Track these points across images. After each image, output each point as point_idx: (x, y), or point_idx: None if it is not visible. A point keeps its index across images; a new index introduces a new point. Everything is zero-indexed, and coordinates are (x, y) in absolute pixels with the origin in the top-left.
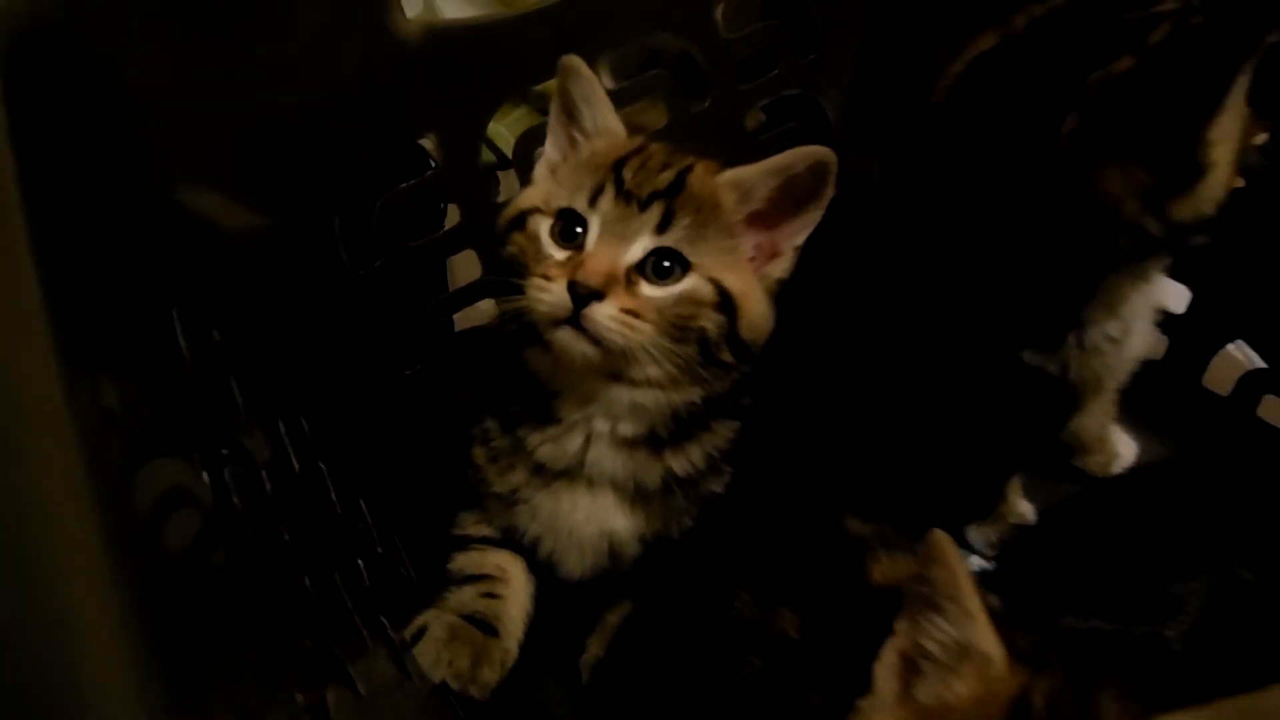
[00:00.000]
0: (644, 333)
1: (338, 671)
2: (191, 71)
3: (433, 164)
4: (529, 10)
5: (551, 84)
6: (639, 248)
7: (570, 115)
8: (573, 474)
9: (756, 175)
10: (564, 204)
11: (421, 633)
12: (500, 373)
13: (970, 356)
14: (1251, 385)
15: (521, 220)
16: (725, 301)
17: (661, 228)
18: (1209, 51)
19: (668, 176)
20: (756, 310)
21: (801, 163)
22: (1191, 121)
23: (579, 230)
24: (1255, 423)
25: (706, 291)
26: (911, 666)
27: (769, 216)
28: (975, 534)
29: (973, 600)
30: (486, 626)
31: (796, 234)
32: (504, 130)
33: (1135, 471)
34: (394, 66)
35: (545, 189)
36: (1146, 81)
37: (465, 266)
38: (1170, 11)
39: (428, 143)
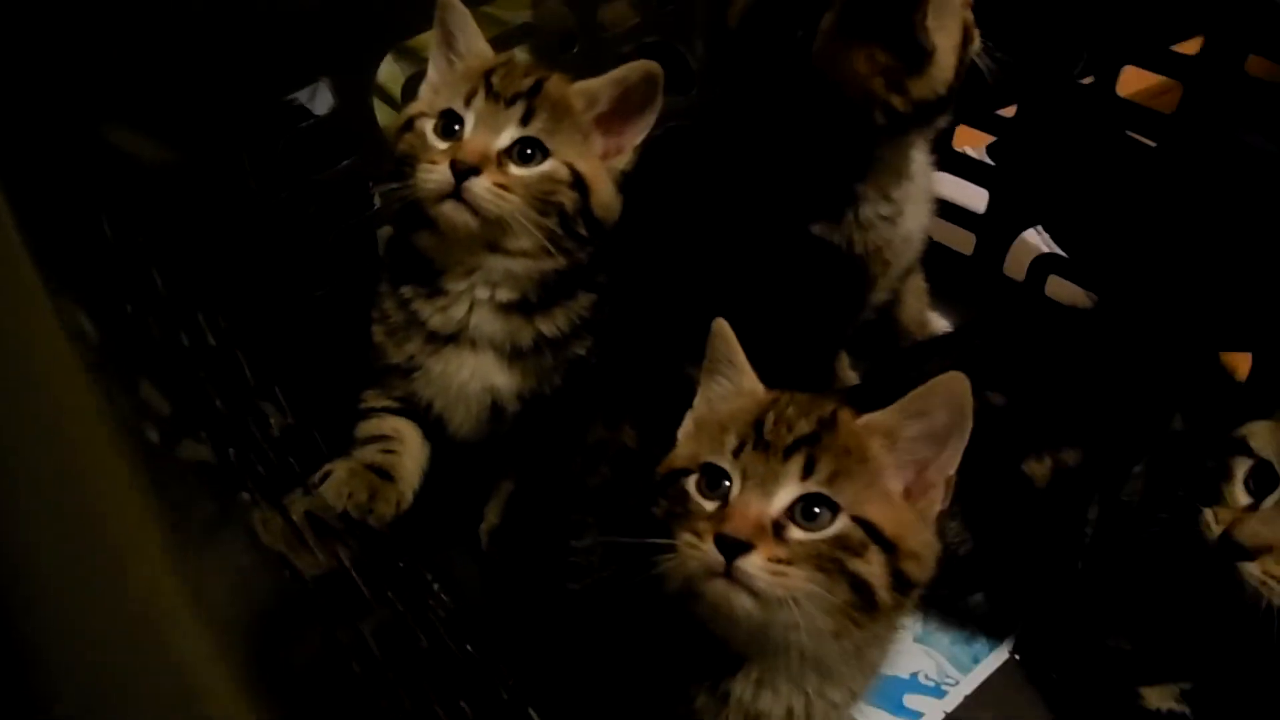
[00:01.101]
0: (513, 203)
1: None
2: (110, 18)
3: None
4: None
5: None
6: (506, 136)
7: (447, 44)
8: (459, 338)
9: (600, 85)
10: (444, 105)
11: (327, 475)
12: (395, 260)
13: (774, 230)
14: (1040, 267)
15: (410, 124)
16: (578, 182)
17: (524, 121)
18: None
19: (528, 81)
20: (605, 193)
21: (635, 74)
22: (907, 8)
23: (457, 127)
24: (1044, 299)
25: (563, 173)
26: (700, 425)
27: (613, 120)
28: None
29: (742, 359)
30: (384, 474)
31: (636, 134)
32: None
33: (934, 338)
34: (291, 15)
35: (428, 99)
36: None
37: None
38: None
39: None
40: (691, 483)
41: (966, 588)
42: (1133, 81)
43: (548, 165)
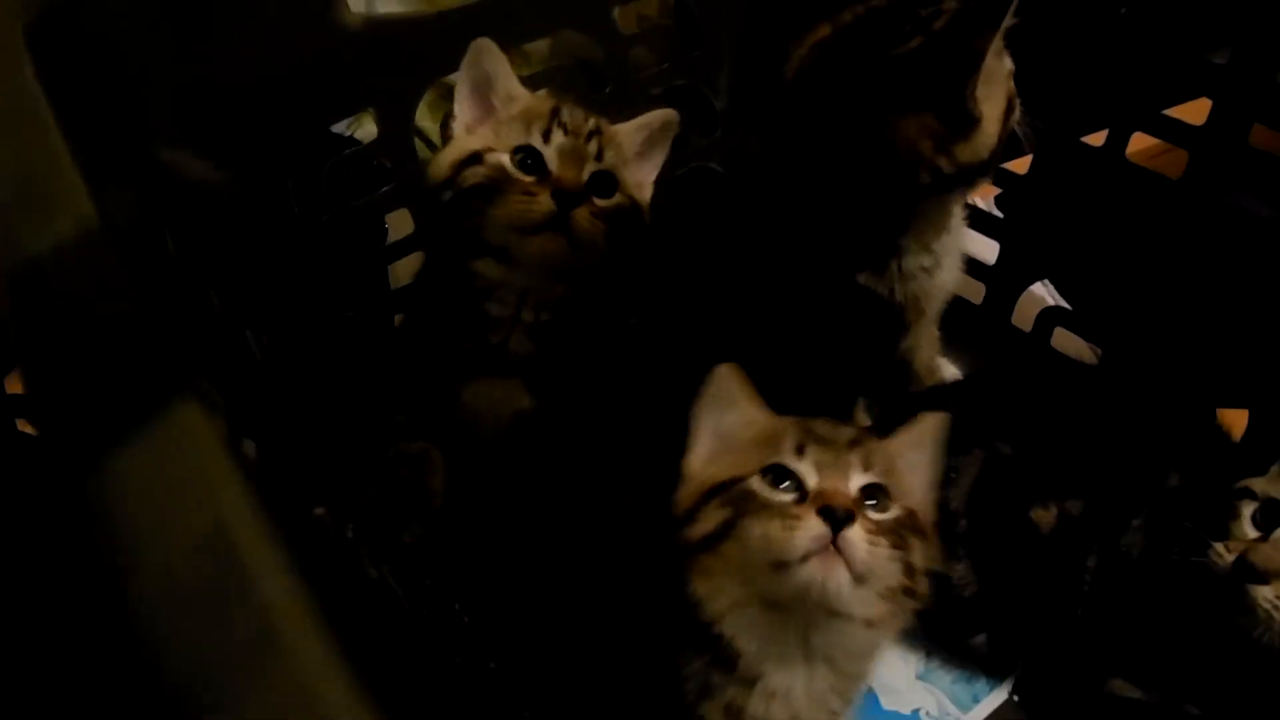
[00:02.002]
0: (600, 230)
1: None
2: (168, 49)
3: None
4: (453, 8)
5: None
6: (587, 170)
7: (483, 87)
8: (492, 362)
9: (634, 128)
10: (519, 141)
11: (364, 493)
12: (429, 286)
13: (821, 280)
14: (1047, 320)
15: (476, 158)
16: (636, 209)
17: (599, 157)
18: (967, 29)
19: (593, 123)
20: (644, 222)
21: (658, 121)
22: (959, 79)
23: (530, 161)
24: (1049, 350)
25: (627, 203)
26: (720, 452)
27: (639, 159)
28: None
29: (753, 391)
30: (416, 493)
31: (652, 172)
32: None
33: (946, 385)
34: (339, 50)
35: (483, 137)
36: (931, 54)
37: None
38: (952, 9)
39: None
40: (755, 482)
41: (970, 629)
42: (1133, 140)
43: (619, 197)
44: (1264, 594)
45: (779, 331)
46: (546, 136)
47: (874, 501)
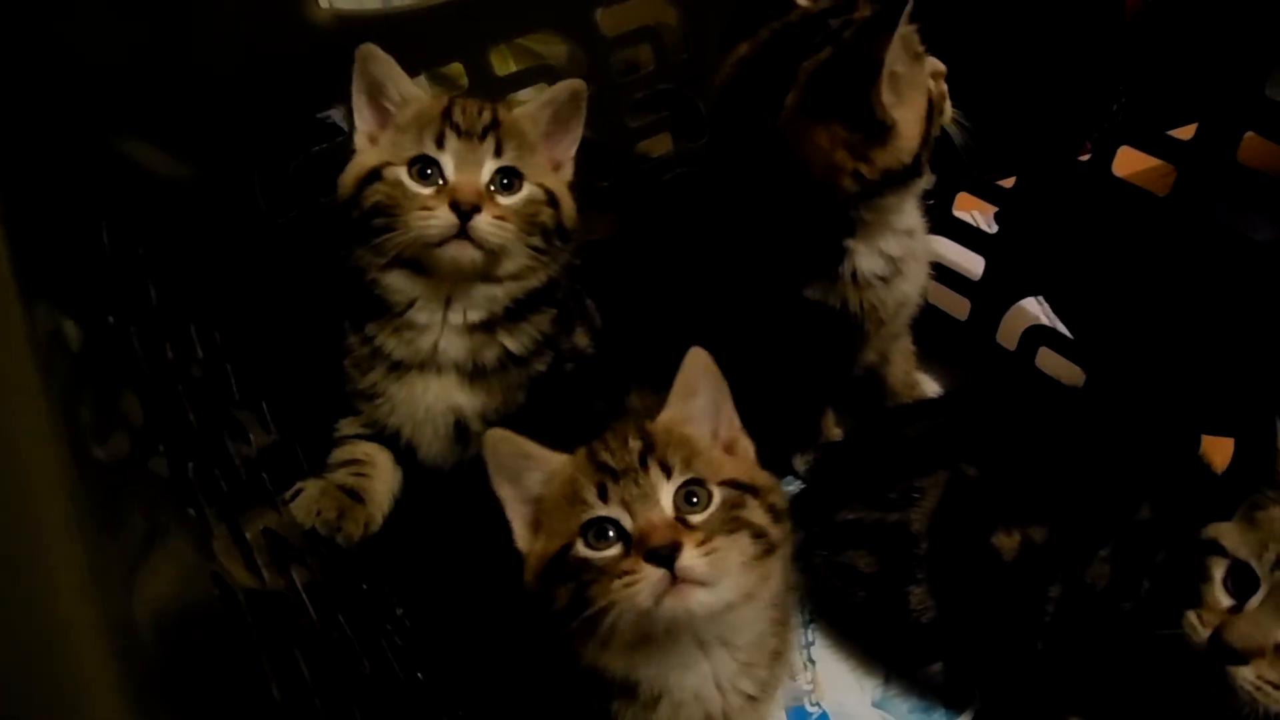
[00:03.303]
0: (511, 231)
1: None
2: (131, 40)
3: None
4: (431, 4)
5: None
6: (487, 170)
7: (377, 93)
8: (423, 364)
9: (536, 107)
10: (414, 152)
11: (299, 493)
12: (352, 298)
13: (766, 294)
14: (1031, 339)
15: (376, 174)
16: (551, 198)
17: (498, 153)
18: (870, 37)
19: (488, 116)
20: (569, 203)
21: (564, 93)
22: (861, 87)
23: (430, 171)
24: (1033, 371)
25: (539, 194)
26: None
27: (550, 137)
28: (799, 461)
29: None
30: (354, 495)
31: (569, 147)
32: None
33: (918, 402)
34: (308, 46)
35: (381, 150)
36: (838, 64)
37: None
38: (862, 18)
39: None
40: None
41: (926, 656)
42: (1134, 162)
43: (526, 190)
44: (1245, 674)
45: (737, 339)
46: (440, 141)
47: (691, 501)
